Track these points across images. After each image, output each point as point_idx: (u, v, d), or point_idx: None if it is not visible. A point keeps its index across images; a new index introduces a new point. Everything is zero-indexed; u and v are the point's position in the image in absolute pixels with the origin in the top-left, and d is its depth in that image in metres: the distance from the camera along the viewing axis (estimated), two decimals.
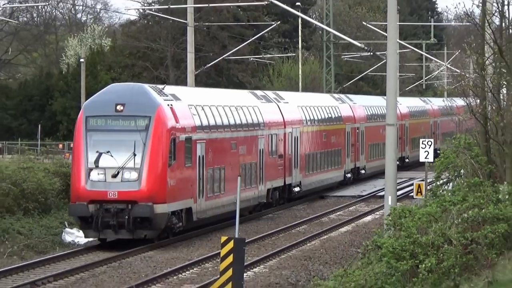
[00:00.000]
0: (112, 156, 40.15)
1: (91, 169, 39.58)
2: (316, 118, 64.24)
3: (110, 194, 39.19)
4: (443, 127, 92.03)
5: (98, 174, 39.57)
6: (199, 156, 44.34)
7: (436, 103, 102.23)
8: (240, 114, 51.13)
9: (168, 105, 41.89)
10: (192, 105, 45.35)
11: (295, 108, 61.53)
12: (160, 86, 44.86)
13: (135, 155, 39.38)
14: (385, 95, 47.14)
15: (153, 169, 39.72)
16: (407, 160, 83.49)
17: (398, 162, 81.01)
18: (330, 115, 67.49)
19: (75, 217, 42.38)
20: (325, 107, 67.97)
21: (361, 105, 77.14)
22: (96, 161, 40.16)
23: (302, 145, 60.62)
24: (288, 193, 59.49)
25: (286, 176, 58.14)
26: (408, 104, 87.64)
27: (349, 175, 71.02)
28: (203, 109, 46.29)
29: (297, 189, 60.20)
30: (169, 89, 45.31)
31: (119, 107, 40.28)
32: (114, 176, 39.21)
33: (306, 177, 61.38)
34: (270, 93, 61.50)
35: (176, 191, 41.31)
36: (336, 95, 76.74)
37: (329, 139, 66.17)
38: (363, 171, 75.21)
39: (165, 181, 40.08)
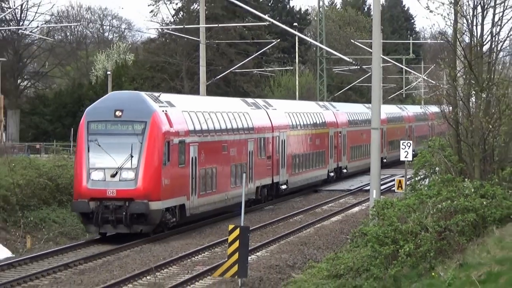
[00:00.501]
0: (112, 157, 39.51)
1: (92, 169, 38.97)
2: (302, 123, 63.36)
3: (109, 192, 38.63)
4: (417, 131, 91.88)
5: (98, 173, 38.92)
6: (192, 158, 43.56)
7: (411, 110, 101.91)
8: (231, 120, 50.23)
9: (163, 111, 41.07)
10: (186, 111, 44.42)
11: (283, 114, 60.37)
12: (156, 94, 44.25)
13: (132, 156, 38.60)
14: (370, 103, 47.13)
15: (149, 169, 39.02)
16: (385, 160, 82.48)
17: None
18: (315, 121, 66.61)
19: (77, 213, 42.14)
20: (310, 113, 67.12)
21: (344, 111, 76.46)
22: (97, 162, 39.68)
23: (289, 147, 59.55)
24: (276, 190, 58.10)
25: (274, 175, 56.95)
26: (386, 111, 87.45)
27: (332, 174, 70.04)
28: (196, 114, 45.32)
29: (284, 186, 59.06)
30: (164, 96, 44.90)
31: (118, 113, 39.64)
32: (113, 175, 38.62)
33: (292, 176, 60.11)
34: (260, 101, 60.77)
35: (170, 189, 40.61)
36: (321, 103, 76.45)
37: (314, 142, 65.21)
38: (345, 170, 74.08)
39: (160, 180, 39.39)
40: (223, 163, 48.38)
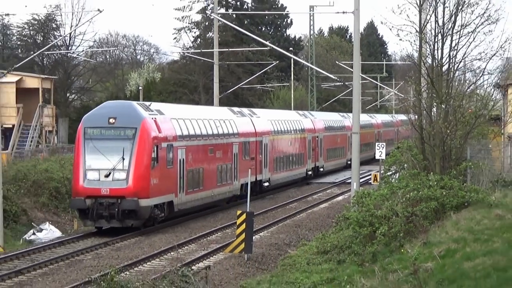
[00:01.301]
0: (106, 159, 37.53)
1: (88, 170, 37.04)
2: (283, 129, 61.26)
3: (103, 190, 36.71)
4: (385, 135, 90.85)
5: (94, 174, 36.96)
6: (180, 160, 41.36)
7: (380, 118, 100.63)
8: (218, 126, 47.98)
9: (152, 118, 39.00)
10: (175, 118, 42.25)
11: (266, 121, 58.37)
12: (147, 103, 42.36)
13: (123, 159, 36.74)
14: (352, 112, 46.98)
15: (138, 170, 37.03)
16: None
17: (349, 161, 79.97)
18: (294, 127, 64.58)
19: (75, 209, 39.83)
20: (291, 120, 65.24)
21: (321, 119, 74.89)
22: (92, 164, 37.67)
23: (271, 150, 57.35)
24: (259, 187, 55.76)
25: (257, 174, 54.39)
26: (361, 119, 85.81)
27: (310, 172, 68.00)
28: (184, 121, 43.08)
29: (266, 183, 56.87)
30: (155, 105, 42.82)
31: (111, 120, 37.62)
32: (107, 176, 36.66)
33: (274, 174, 57.86)
34: (245, 110, 58.46)
35: (158, 188, 38.41)
36: (300, 112, 74.00)
37: (294, 145, 63.29)
38: (322, 169, 71.93)
39: (148, 180, 37.31)
40: (209, 164, 46.12)
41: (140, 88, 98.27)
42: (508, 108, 57.99)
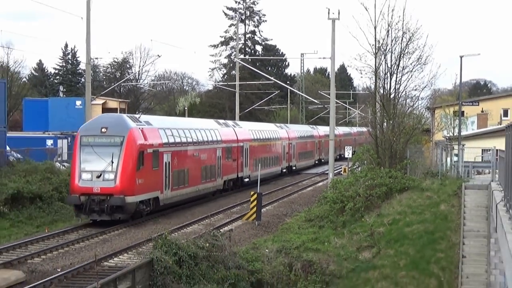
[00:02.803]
0: (98, 163, 32.26)
1: (82, 172, 32.11)
2: (261, 137, 55.74)
3: (95, 189, 31.76)
4: (345, 142, 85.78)
5: (87, 175, 32.00)
6: (166, 162, 35.96)
7: (341, 129, 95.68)
8: (203, 134, 42.51)
9: (139, 128, 33.78)
10: (162, 128, 36.70)
11: (247, 131, 52.76)
12: (137, 116, 37.04)
13: (112, 162, 31.88)
14: (327, 125, 46.69)
15: (125, 172, 31.98)
16: (322, 160, 77.69)
17: (317, 161, 77.03)
18: (271, 136, 59.03)
19: (71, 205, 33.98)
20: (269, 131, 59.74)
21: (294, 130, 69.54)
22: (86, 166, 32.44)
23: (251, 153, 51.91)
24: (240, 182, 50.33)
25: (238, 172, 49.42)
26: (324, 130, 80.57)
27: (285, 170, 62.29)
28: (171, 131, 37.63)
29: (247, 179, 51.31)
30: (144, 117, 37.23)
31: (103, 129, 32.72)
32: (98, 177, 31.82)
33: (253, 172, 51.54)
34: (230, 122, 52.51)
35: (143, 186, 33.16)
36: (278, 124, 68.58)
37: (271, 149, 58.01)
38: (294, 167, 66.43)
39: (134, 180, 32.24)
40: (194, 165, 40.63)
41: (185, 108, 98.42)
42: (435, 123, 58.08)
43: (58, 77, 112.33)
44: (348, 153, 50.57)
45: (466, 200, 31.09)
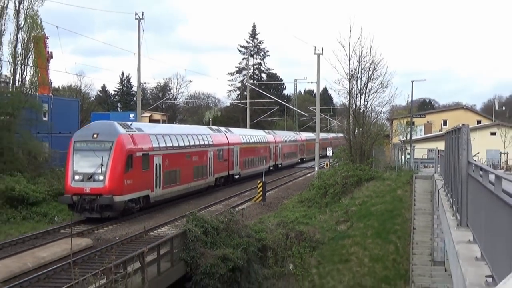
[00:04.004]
0: (89, 166, 27.42)
1: (75, 174, 27.24)
2: (250, 141, 50.19)
3: (86, 189, 26.79)
4: (323, 144, 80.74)
5: (79, 176, 27.08)
6: (156, 164, 30.42)
7: (321, 135, 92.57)
8: (195, 139, 36.86)
9: (129, 134, 28.64)
10: (153, 134, 31.04)
11: (237, 136, 47.22)
12: (129, 123, 31.46)
13: (102, 165, 27.00)
14: (314, 131, 46.15)
15: (113, 174, 26.98)
16: (304, 159, 73.83)
17: (299, 160, 72.94)
18: (259, 140, 53.65)
19: (64, 204, 28.34)
20: (257, 135, 54.47)
21: (280, 135, 64.22)
22: (78, 168, 27.48)
23: (241, 154, 46.38)
24: (231, 178, 44.59)
25: (229, 170, 43.76)
26: (306, 135, 78.50)
27: (271, 167, 56.71)
28: (162, 136, 31.98)
29: (237, 176, 45.66)
30: (136, 124, 31.85)
31: (94, 135, 27.70)
32: (89, 178, 26.88)
33: (243, 170, 47.07)
34: (222, 128, 46.84)
35: (131, 186, 28.03)
36: (266, 131, 62.79)
37: (259, 151, 52.75)
38: (280, 165, 61.07)
39: (122, 181, 27.26)
40: (186, 166, 34.86)
41: (210, 119, 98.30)
42: (393, 130, 57.77)
43: (117, 96, 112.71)
44: (329, 152, 50.49)
45: (416, 187, 30.99)
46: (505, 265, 6.61)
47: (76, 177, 27.06)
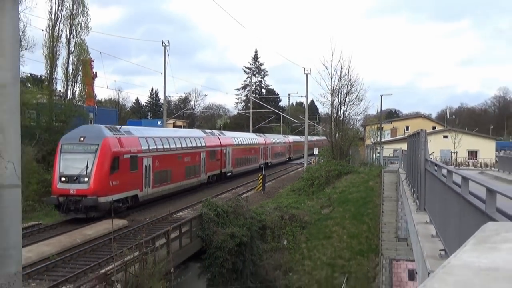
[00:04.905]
0: (74, 167, 22.92)
1: (61, 175, 22.69)
2: (241, 142, 44.84)
3: (71, 190, 22.30)
4: (310, 145, 76.14)
5: (65, 178, 22.58)
6: (145, 165, 25.82)
7: (308, 138, 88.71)
8: (187, 141, 31.85)
9: (116, 137, 23.82)
10: (142, 137, 26.23)
11: (229, 138, 41.97)
12: (118, 126, 26.25)
13: (87, 167, 22.45)
14: (303, 135, 45.80)
15: (98, 176, 22.53)
16: (291, 158, 69.39)
17: (287, 159, 68.16)
18: (250, 142, 48.35)
19: (51, 204, 23.77)
20: (249, 138, 49.19)
21: (270, 137, 59.39)
22: (64, 170, 22.88)
23: (233, 154, 41.33)
24: (224, 176, 39.31)
25: (222, 168, 38.62)
26: (293, 138, 75.30)
27: (262, 165, 49.90)
28: (153, 139, 27.11)
29: (229, 174, 40.38)
30: (125, 128, 26.72)
31: (81, 138, 23.15)
32: (74, 180, 22.38)
33: (235, 168, 42.05)
34: (216, 131, 41.69)
35: (118, 187, 23.67)
36: (257, 134, 57.04)
37: (250, 151, 47.63)
38: (269, 163, 55.42)
39: (107, 182, 22.89)
40: (178, 166, 29.85)
41: (221, 125, 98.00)
42: (366, 134, 57.62)
43: (147, 107, 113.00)
44: (315, 151, 50.21)
45: (384, 179, 30.90)
46: (455, 241, 6.62)
47: (62, 179, 22.77)
